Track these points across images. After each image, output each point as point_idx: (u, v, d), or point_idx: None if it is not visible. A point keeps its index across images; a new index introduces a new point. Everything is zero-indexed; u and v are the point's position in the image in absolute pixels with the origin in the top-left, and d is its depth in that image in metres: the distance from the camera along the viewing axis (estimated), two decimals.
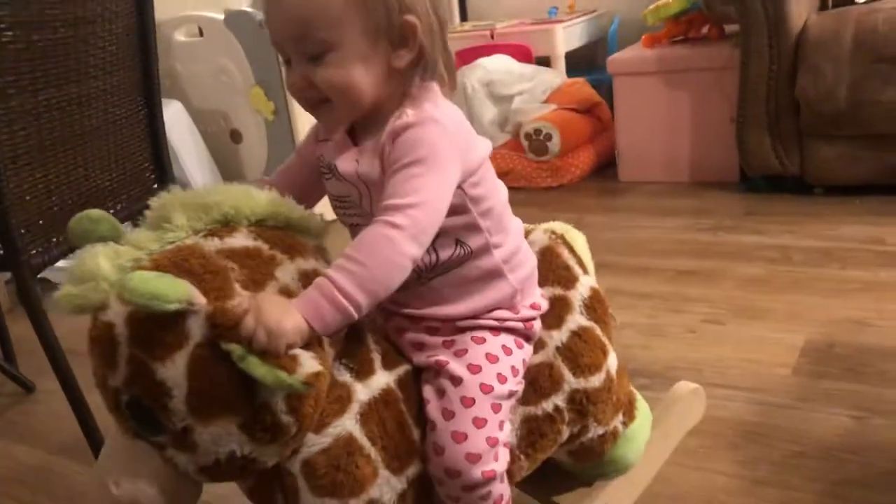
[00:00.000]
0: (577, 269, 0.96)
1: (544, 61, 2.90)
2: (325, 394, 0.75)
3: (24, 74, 1.11)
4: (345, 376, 0.79)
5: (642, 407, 1.03)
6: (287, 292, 0.72)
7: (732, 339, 1.52)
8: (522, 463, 0.87)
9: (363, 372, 0.80)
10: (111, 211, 1.36)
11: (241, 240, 0.74)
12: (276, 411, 0.69)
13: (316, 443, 0.76)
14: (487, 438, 0.79)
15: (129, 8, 1.36)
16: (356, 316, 0.71)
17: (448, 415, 0.79)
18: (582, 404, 0.91)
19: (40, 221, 1.17)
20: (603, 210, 2.46)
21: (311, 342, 0.70)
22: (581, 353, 0.91)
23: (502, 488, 0.83)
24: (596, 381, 0.92)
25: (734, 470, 1.14)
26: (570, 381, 0.90)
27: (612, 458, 0.99)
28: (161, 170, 1.52)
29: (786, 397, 1.31)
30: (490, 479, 0.79)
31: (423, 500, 0.83)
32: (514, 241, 0.88)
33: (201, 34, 2.66)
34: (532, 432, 0.88)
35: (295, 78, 0.79)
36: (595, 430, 0.94)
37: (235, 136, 2.68)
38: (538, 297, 0.91)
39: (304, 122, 2.47)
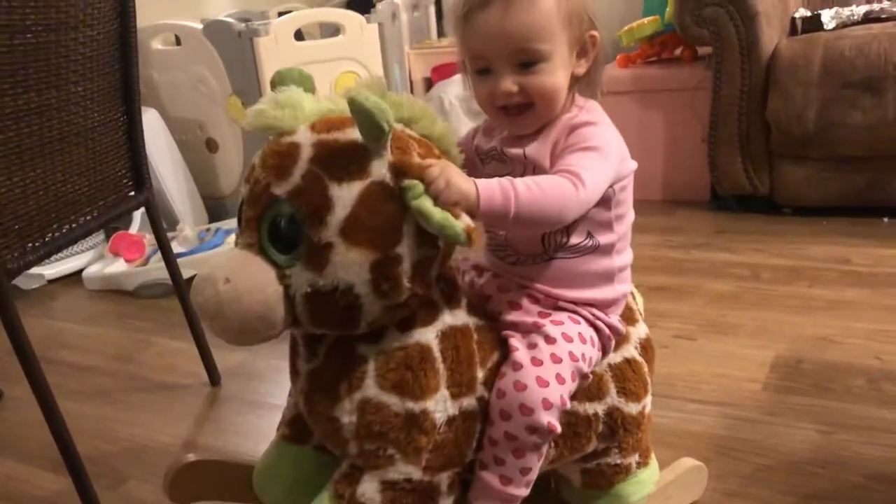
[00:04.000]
0: (638, 314, 1.03)
1: None
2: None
3: (4, 78, 1.10)
4: (437, 297, 0.85)
5: (654, 461, 1.06)
6: None
7: (704, 355, 1.55)
8: (550, 450, 0.91)
9: (453, 302, 0.87)
10: (87, 217, 1.34)
11: (417, 135, 0.83)
12: (403, 268, 0.76)
13: (398, 339, 0.82)
14: (561, 395, 0.85)
15: (110, 14, 1.35)
16: (509, 219, 0.78)
17: (536, 362, 0.85)
18: (616, 423, 0.96)
19: (16, 226, 1.16)
20: None
21: None
22: (628, 379, 0.97)
23: (545, 449, 0.88)
24: (633, 409, 0.97)
25: (706, 483, 1.15)
26: (613, 398, 0.95)
27: (618, 493, 1.01)
28: (139, 177, 1.50)
29: (756, 412, 1.33)
30: (552, 431, 0.85)
31: (466, 436, 0.87)
32: (628, 257, 0.96)
33: (178, 43, 2.64)
34: (569, 425, 0.91)
35: (506, 85, 0.86)
36: (614, 457, 0.99)
37: (211, 145, 2.67)
38: (620, 318, 0.97)
39: None
